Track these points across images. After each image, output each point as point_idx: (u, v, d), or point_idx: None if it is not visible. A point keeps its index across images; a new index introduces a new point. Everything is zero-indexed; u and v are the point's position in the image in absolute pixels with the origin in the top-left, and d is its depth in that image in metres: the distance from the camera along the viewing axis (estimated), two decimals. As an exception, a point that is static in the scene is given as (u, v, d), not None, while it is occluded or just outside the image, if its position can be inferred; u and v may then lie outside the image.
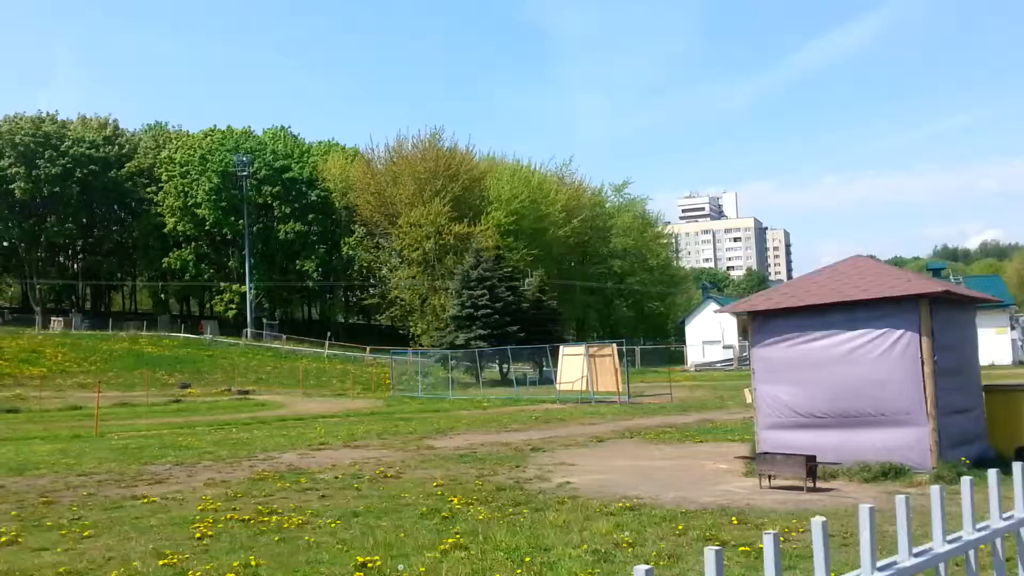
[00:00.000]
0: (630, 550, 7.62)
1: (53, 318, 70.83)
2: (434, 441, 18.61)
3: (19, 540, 8.78)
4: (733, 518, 8.99)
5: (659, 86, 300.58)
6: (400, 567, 7.17)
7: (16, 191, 70.99)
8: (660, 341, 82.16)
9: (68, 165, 72.96)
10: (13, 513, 10.47)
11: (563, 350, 37.61)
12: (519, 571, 6.97)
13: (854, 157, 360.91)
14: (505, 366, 48.56)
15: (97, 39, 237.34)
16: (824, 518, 2.60)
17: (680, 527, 8.55)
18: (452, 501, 10.37)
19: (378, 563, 7.28)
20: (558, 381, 36.20)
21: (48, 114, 79.53)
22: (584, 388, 33.81)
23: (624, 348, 36.44)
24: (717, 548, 2.27)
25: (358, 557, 7.48)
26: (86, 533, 9.05)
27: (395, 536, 8.45)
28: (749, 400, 18.08)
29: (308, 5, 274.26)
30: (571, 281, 78.01)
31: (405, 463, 14.62)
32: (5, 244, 77.36)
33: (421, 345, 57.74)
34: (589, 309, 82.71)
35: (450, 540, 8.08)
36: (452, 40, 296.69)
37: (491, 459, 14.92)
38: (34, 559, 7.94)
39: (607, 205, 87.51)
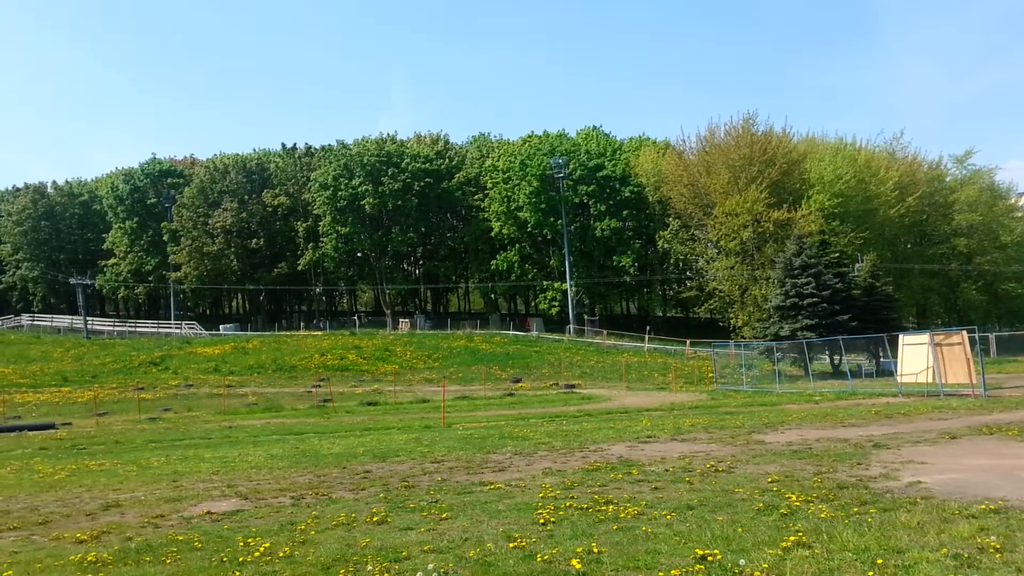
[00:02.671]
0: (998, 556, 6.85)
1: (400, 320, 78.99)
2: (763, 435, 18.01)
3: (388, 520, 9.83)
4: None
5: (1001, 43, 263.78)
6: (741, 562, 7.03)
7: (366, 206, 79.89)
8: (1019, 327, 72.87)
9: (407, 180, 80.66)
10: (381, 495, 11.77)
11: (903, 339, 34.80)
12: (871, 573, 6.54)
13: None
14: (836, 357, 45.89)
15: (425, 64, 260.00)
16: None
17: (1062, 536, 7.52)
18: (789, 498, 9.96)
19: (718, 557, 7.19)
20: (899, 373, 33.54)
21: (388, 135, 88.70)
22: (930, 380, 31.04)
23: (976, 335, 32.84)
24: None
25: (697, 550, 7.45)
26: (444, 515, 9.91)
27: (732, 531, 8.30)
28: None
29: (614, 9, 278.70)
30: (907, 264, 71.77)
31: (735, 457, 14.31)
32: (359, 254, 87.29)
33: (742, 337, 56.26)
34: (930, 293, 75.52)
35: (792, 538, 7.77)
36: (759, 19, 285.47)
37: (828, 455, 14.14)
38: (402, 537, 8.86)
39: (947, 179, 79.18)
